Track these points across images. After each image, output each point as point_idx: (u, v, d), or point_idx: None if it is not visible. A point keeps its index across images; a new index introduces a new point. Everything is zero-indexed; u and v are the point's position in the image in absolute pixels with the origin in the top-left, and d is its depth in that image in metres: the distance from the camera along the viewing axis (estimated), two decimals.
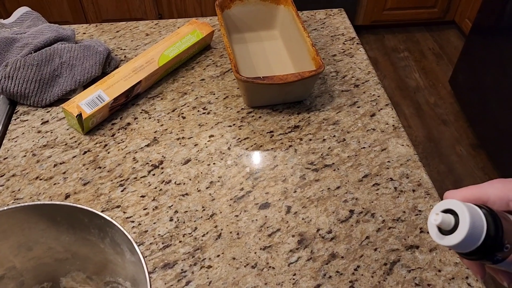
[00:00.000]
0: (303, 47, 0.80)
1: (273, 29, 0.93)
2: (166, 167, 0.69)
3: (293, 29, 0.85)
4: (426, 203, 0.65)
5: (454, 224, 0.36)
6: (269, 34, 0.92)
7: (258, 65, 0.86)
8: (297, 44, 0.83)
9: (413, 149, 0.72)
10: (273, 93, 0.76)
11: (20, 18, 0.91)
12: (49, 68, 0.78)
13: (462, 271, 0.57)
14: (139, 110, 0.79)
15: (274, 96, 0.77)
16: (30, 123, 0.76)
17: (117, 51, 0.91)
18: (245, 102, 0.79)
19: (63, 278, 0.52)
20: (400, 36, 2.42)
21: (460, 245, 0.36)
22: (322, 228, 0.62)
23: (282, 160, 0.70)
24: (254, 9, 0.90)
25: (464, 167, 1.78)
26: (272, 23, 0.92)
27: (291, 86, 0.73)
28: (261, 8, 0.90)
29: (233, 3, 0.88)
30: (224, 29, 0.80)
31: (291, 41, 0.87)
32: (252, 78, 0.71)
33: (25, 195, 0.66)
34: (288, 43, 0.89)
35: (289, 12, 0.87)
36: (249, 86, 0.73)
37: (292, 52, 0.86)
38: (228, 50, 0.76)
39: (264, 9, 0.90)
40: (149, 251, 0.59)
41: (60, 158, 0.71)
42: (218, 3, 0.87)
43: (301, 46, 0.81)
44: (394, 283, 0.56)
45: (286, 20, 0.88)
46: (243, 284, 0.56)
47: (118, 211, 0.64)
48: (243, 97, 0.79)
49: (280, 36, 0.92)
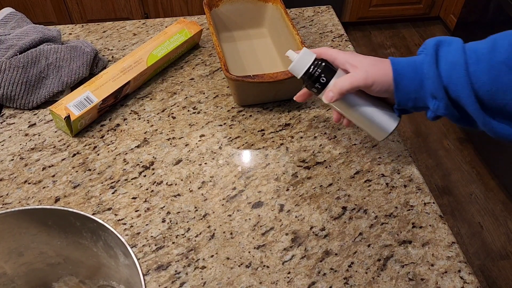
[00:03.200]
0: (293, 45, 0.80)
1: (262, 27, 0.92)
2: (157, 168, 0.69)
3: (282, 26, 0.85)
4: (418, 198, 0.65)
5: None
6: (258, 32, 0.92)
7: (248, 64, 0.85)
8: (286, 41, 0.83)
9: (403, 145, 0.73)
10: (264, 91, 0.76)
11: (4, 19, 0.89)
12: (35, 70, 0.77)
13: (454, 265, 0.58)
14: (128, 111, 0.78)
15: (264, 94, 0.77)
16: (17, 126, 0.75)
17: (104, 51, 0.90)
18: (235, 101, 0.79)
19: (55, 283, 0.52)
20: (386, 32, 2.44)
21: (293, 68, 0.60)
22: (315, 225, 0.62)
23: (274, 158, 0.70)
24: (242, 7, 0.89)
25: (452, 161, 1.80)
26: (261, 21, 0.92)
27: (281, 84, 0.73)
28: (250, 6, 0.90)
29: (221, 1, 0.88)
30: (212, 27, 0.79)
31: (280, 39, 0.86)
32: (242, 77, 0.70)
33: (13, 199, 0.65)
34: (277, 41, 0.88)
35: (277, 9, 0.87)
36: (240, 85, 0.73)
37: (281, 50, 0.86)
38: (218, 49, 0.75)
39: (252, 7, 0.90)
40: (142, 253, 0.59)
41: (48, 161, 0.70)
42: (206, 2, 0.86)
43: (291, 43, 0.81)
44: (388, 279, 0.56)
45: (275, 18, 0.88)
46: (238, 284, 0.56)
47: (110, 214, 0.63)
48: (233, 96, 0.78)
49: (269, 34, 0.91)
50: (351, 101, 0.60)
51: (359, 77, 0.56)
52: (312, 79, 0.59)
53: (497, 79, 0.50)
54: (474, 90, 0.51)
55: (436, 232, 0.61)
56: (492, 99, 0.51)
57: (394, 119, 0.60)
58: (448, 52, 0.53)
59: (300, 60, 0.60)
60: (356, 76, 0.57)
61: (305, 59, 0.59)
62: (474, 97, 0.51)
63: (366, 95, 0.60)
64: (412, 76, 0.55)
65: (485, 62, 0.51)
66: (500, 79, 0.50)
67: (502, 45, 0.50)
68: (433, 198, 0.65)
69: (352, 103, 0.60)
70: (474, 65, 0.51)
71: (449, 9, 2.30)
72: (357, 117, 0.61)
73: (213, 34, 0.78)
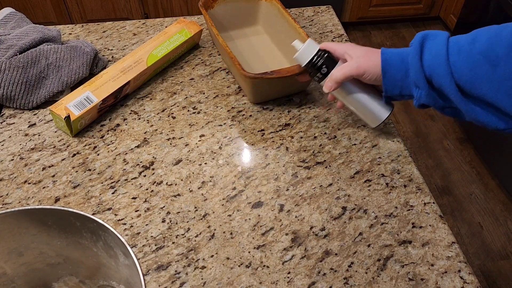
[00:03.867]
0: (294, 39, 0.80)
1: (257, 24, 0.93)
2: (157, 168, 0.69)
3: (281, 22, 0.85)
4: (418, 198, 0.65)
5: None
6: (254, 30, 0.93)
7: (252, 61, 0.86)
8: (287, 36, 0.83)
9: (403, 145, 0.73)
10: (279, 86, 0.77)
11: (3, 19, 0.89)
12: (35, 70, 0.77)
13: (454, 264, 0.58)
14: (128, 111, 0.78)
15: (279, 89, 0.78)
16: (16, 126, 0.75)
17: (104, 51, 0.90)
18: (250, 100, 0.79)
19: (55, 283, 0.52)
20: (386, 32, 2.44)
21: (299, 57, 0.67)
22: (315, 225, 0.62)
23: (273, 158, 0.70)
24: (236, 6, 0.90)
25: (452, 161, 1.80)
26: (255, 18, 0.93)
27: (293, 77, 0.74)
28: (244, 4, 0.90)
29: (216, 2, 0.88)
30: (215, 29, 0.79)
31: (279, 35, 0.87)
32: (261, 74, 0.71)
33: (13, 199, 0.65)
34: (275, 37, 0.89)
35: (273, 6, 0.88)
36: (258, 83, 0.73)
37: (281, 45, 0.87)
38: (227, 50, 0.75)
39: (246, 6, 0.91)
40: (142, 253, 0.59)
41: (48, 161, 0.70)
42: (201, 4, 0.86)
43: (293, 37, 0.81)
44: (388, 279, 0.56)
45: (271, 14, 0.89)
46: (238, 284, 0.56)
47: (110, 214, 0.63)
48: (249, 95, 0.78)
49: (265, 31, 0.92)
50: (348, 90, 0.66)
51: (351, 67, 0.62)
52: (315, 68, 0.66)
53: (475, 69, 0.53)
54: (455, 79, 0.55)
55: (436, 232, 0.61)
56: (473, 89, 0.54)
57: (387, 108, 0.67)
58: (433, 44, 0.57)
59: (305, 50, 0.66)
60: (348, 66, 0.63)
61: (309, 49, 0.66)
62: (455, 86, 0.55)
63: (364, 85, 0.66)
64: (398, 66, 0.60)
65: (465, 53, 0.54)
66: (478, 70, 0.52)
67: (481, 37, 0.53)
68: (433, 198, 0.65)
69: (349, 92, 0.66)
70: (455, 55, 0.55)
71: (449, 9, 2.30)
72: (354, 104, 0.67)
73: (218, 35, 0.78)
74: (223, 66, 0.87)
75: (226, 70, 0.86)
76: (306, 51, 0.66)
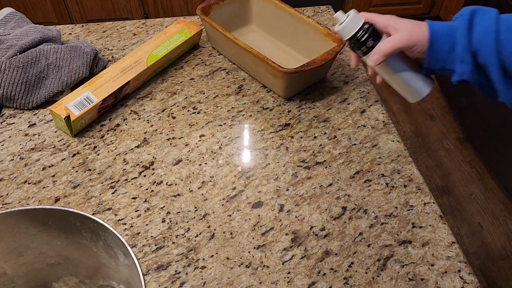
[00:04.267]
0: (307, 29, 0.81)
1: (250, 23, 0.94)
2: (157, 168, 0.69)
3: (281, 16, 0.86)
4: (418, 198, 0.65)
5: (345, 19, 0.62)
6: (248, 29, 0.94)
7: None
8: (292, 29, 0.84)
9: (403, 145, 0.73)
10: (307, 78, 0.78)
11: (3, 19, 0.89)
12: (35, 70, 0.77)
13: (454, 264, 0.58)
14: (128, 111, 0.78)
15: (307, 80, 0.80)
16: (16, 126, 0.75)
17: (104, 51, 0.90)
18: (283, 95, 0.80)
19: (55, 283, 0.52)
20: None
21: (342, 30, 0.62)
22: (315, 225, 0.62)
23: (273, 158, 0.70)
24: (230, 8, 0.91)
25: (452, 161, 1.80)
26: (247, 18, 0.94)
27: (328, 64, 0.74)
28: (235, 5, 0.91)
29: (211, 8, 0.88)
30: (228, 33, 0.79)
31: (281, 29, 0.88)
32: (300, 67, 0.72)
33: (13, 199, 0.65)
34: (275, 32, 0.90)
35: (266, 2, 0.89)
36: (294, 77, 0.74)
37: (285, 38, 0.88)
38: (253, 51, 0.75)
39: (237, 6, 0.92)
40: (142, 253, 0.59)
41: (48, 161, 0.70)
42: (200, 12, 0.85)
43: (301, 29, 0.82)
44: (388, 279, 0.56)
45: (266, 11, 0.90)
46: (238, 284, 0.56)
47: (110, 214, 0.63)
48: (281, 91, 0.79)
49: (260, 28, 0.93)
50: (393, 64, 0.63)
51: (403, 39, 0.59)
52: (360, 42, 0.62)
53: None
54: (500, 58, 0.54)
55: (436, 232, 0.61)
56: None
57: (429, 85, 0.64)
58: (482, 20, 0.56)
59: (350, 22, 0.62)
60: (399, 37, 0.60)
61: (354, 22, 0.62)
62: (499, 64, 0.54)
63: (407, 59, 0.63)
64: (446, 39, 0.58)
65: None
66: None
67: None
68: (433, 198, 0.65)
69: (393, 66, 0.63)
70: (505, 34, 0.54)
71: (449, 9, 2.30)
72: (397, 79, 0.65)
73: (236, 39, 0.78)
74: (223, 66, 0.87)
75: (226, 70, 0.86)
76: (350, 24, 0.62)
